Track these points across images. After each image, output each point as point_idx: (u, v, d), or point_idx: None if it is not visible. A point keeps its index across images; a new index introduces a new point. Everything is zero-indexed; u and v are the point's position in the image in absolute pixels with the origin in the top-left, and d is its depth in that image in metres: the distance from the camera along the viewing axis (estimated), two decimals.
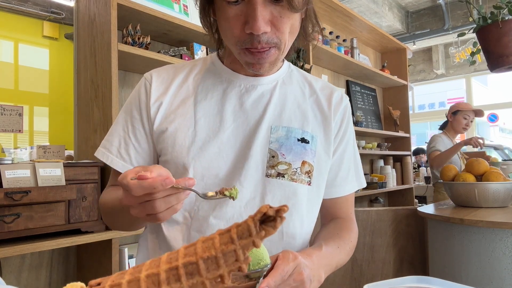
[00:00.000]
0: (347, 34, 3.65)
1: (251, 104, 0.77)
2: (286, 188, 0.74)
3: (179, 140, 0.75)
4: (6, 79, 4.56)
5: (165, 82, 0.80)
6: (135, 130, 0.79)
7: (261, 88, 0.79)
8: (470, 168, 1.94)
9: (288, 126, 0.77)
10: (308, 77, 0.88)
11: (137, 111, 0.79)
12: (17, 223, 1.29)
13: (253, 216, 0.33)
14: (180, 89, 0.80)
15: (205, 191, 0.70)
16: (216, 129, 0.75)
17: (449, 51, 5.98)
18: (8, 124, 1.81)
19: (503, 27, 1.86)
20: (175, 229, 0.75)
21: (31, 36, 4.94)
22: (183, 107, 0.77)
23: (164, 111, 0.78)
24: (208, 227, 0.72)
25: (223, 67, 0.81)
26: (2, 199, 1.23)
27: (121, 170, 0.78)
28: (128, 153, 0.79)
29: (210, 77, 0.81)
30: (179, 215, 0.75)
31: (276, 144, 0.75)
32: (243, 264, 0.33)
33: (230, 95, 0.78)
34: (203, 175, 0.73)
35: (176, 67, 0.84)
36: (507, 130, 8.67)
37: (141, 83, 0.82)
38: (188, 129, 0.75)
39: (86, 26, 1.77)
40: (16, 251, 1.28)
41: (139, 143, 0.79)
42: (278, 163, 0.74)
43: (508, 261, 1.48)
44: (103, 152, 0.80)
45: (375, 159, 3.95)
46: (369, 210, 2.10)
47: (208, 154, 0.74)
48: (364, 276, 2.03)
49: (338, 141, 0.84)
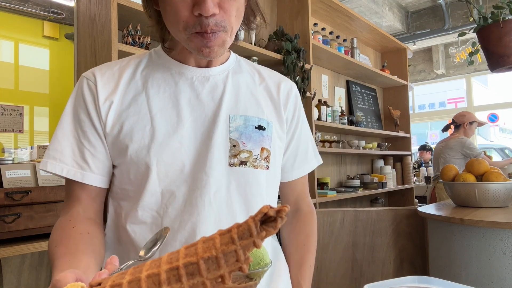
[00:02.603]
0: (347, 34, 3.65)
1: (206, 95, 0.77)
2: (249, 175, 0.76)
3: (137, 138, 0.72)
4: (6, 79, 4.57)
5: (111, 81, 0.76)
6: (87, 134, 0.74)
7: (213, 79, 0.79)
8: (470, 168, 1.94)
9: (245, 114, 0.78)
10: (256, 66, 0.90)
11: (85, 114, 0.74)
12: (17, 223, 1.29)
13: (254, 216, 0.33)
14: (129, 86, 0.76)
15: (171, 187, 0.72)
16: (174, 123, 0.74)
17: (449, 51, 5.98)
18: (9, 124, 1.82)
19: (504, 27, 1.85)
20: (143, 229, 0.73)
21: (32, 36, 4.94)
22: (135, 105, 0.74)
23: (115, 110, 0.74)
24: (181, 223, 0.72)
25: (171, 60, 0.79)
26: (3, 199, 1.23)
27: (80, 180, 0.73)
28: (85, 160, 0.73)
29: (159, 71, 0.78)
30: (146, 215, 0.73)
31: (236, 133, 0.76)
32: (244, 264, 0.33)
33: (183, 88, 0.77)
34: (167, 172, 0.72)
35: (119, 64, 0.80)
36: (507, 130, 8.67)
37: (82, 84, 0.76)
38: (145, 126, 0.73)
39: (87, 26, 1.77)
40: (16, 251, 1.28)
41: (94, 148, 0.74)
42: (240, 151, 0.76)
43: (508, 261, 1.48)
44: (55, 164, 0.72)
45: (375, 159, 3.95)
46: (369, 210, 2.11)
47: (170, 149, 0.72)
48: (364, 276, 2.03)
49: (293, 127, 0.87)
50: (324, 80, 3.38)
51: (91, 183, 0.74)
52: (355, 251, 2.05)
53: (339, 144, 3.22)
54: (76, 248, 0.66)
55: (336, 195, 2.87)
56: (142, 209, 0.72)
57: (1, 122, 1.79)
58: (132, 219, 0.73)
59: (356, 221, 2.08)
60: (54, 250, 0.67)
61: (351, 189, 3.16)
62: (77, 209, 0.74)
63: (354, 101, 3.72)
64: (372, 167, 3.96)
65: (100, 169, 0.74)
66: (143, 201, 0.72)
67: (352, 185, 3.32)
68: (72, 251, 0.66)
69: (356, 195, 3.12)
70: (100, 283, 0.37)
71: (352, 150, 3.18)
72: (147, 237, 0.71)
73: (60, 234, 0.70)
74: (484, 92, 8.09)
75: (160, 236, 0.63)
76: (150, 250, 0.61)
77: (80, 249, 0.66)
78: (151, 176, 0.71)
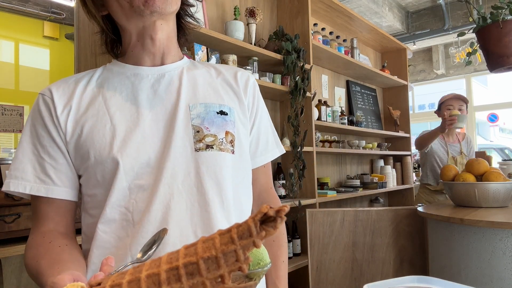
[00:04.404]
0: (347, 34, 3.65)
1: (164, 90, 0.79)
2: (217, 158, 0.76)
3: (98, 138, 0.72)
4: (6, 79, 4.57)
5: (67, 92, 0.77)
6: (46, 148, 0.74)
7: (168, 75, 0.80)
8: (470, 168, 1.94)
9: (205, 102, 0.80)
10: (212, 64, 0.92)
11: (43, 129, 0.74)
12: (17, 223, 1.29)
13: (254, 216, 0.33)
14: (84, 92, 0.77)
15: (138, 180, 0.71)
16: (135, 119, 0.75)
17: (449, 51, 5.98)
18: (9, 124, 1.82)
19: (503, 27, 1.86)
20: (115, 228, 0.72)
21: (32, 36, 4.94)
22: (92, 108, 0.75)
23: (73, 116, 0.75)
24: (152, 215, 0.71)
25: (125, 65, 0.81)
26: (3, 199, 1.23)
27: (45, 194, 0.72)
28: (47, 175, 0.73)
29: (114, 76, 0.80)
30: (114, 213, 0.71)
31: (198, 119, 0.77)
32: (244, 264, 0.33)
33: (140, 87, 0.78)
34: (133, 166, 0.72)
35: (75, 77, 0.81)
36: (507, 130, 8.68)
37: (38, 102, 0.77)
38: (105, 125, 0.73)
39: (87, 26, 1.77)
40: (16, 251, 1.28)
41: (55, 161, 0.74)
42: (205, 136, 0.76)
43: (508, 261, 1.48)
44: (17, 183, 0.72)
45: (375, 159, 3.95)
46: (369, 210, 2.11)
47: (133, 144, 0.72)
48: (364, 276, 2.03)
49: (254, 115, 0.89)
50: (324, 80, 3.38)
51: (56, 197, 0.73)
52: (355, 251, 2.05)
53: (339, 144, 3.22)
54: (60, 258, 0.66)
55: (336, 195, 2.87)
56: (111, 207, 0.71)
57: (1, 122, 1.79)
58: (101, 219, 0.72)
59: (356, 221, 2.08)
60: (37, 264, 0.66)
61: (351, 189, 3.16)
62: (48, 226, 0.73)
63: (354, 101, 3.72)
64: (372, 167, 3.96)
65: (64, 181, 0.74)
66: (111, 198, 0.71)
67: (352, 185, 3.32)
68: (57, 261, 0.65)
69: (356, 195, 3.12)
70: (100, 283, 0.37)
71: (352, 150, 3.18)
72: (119, 234, 0.71)
73: (38, 250, 0.69)
74: (484, 92, 8.09)
75: (158, 238, 0.62)
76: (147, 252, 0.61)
77: (64, 259, 0.66)
78: (118, 172, 0.71)
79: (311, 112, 2.63)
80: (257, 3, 2.70)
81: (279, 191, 2.58)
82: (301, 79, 2.51)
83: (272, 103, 2.74)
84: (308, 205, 2.55)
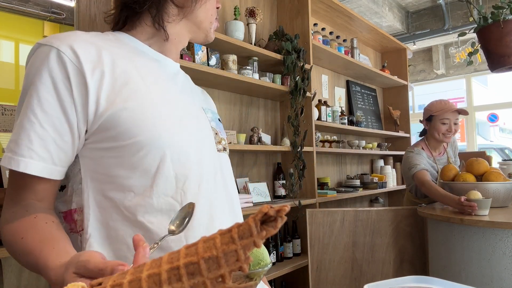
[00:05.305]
0: (347, 34, 3.65)
1: (182, 86, 0.82)
2: (228, 161, 0.85)
3: (145, 119, 0.65)
4: (6, 79, 4.56)
5: (93, 54, 0.66)
6: (52, 118, 0.62)
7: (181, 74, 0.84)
8: (470, 168, 1.94)
9: (210, 108, 0.87)
10: None
11: (51, 93, 0.62)
12: None
13: (254, 216, 0.33)
14: (115, 61, 0.68)
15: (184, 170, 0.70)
16: (177, 108, 0.73)
17: (449, 51, 5.98)
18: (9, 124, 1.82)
19: (504, 27, 1.86)
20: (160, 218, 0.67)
21: (32, 36, 4.94)
22: (132, 82, 0.67)
23: (110, 85, 0.64)
24: (199, 207, 0.70)
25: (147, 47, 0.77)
26: (3, 199, 1.23)
27: (39, 174, 0.61)
28: (47, 149, 0.62)
29: (139, 54, 0.75)
30: (161, 203, 0.66)
31: (213, 123, 0.82)
32: (244, 264, 0.33)
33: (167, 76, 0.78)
34: (179, 156, 0.69)
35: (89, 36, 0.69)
36: (507, 130, 8.68)
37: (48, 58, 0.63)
38: (153, 107, 0.68)
39: (87, 27, 1.77)
40: None
41: (60, 135, 0.62)
42: (221, 139, 0.82)
43: (508, 261, 1.48)
44: (10, 157, 0.61)
45: (375, 159, 3.95)
46: (369, 210, 2.11)
47: (180, 133, 0.70)
48: (364, 276, 2.03)
49: None
50: (324, 80, 3.38)
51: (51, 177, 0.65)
52: (355, 251, 2.05)
53: (339, 144, 3.22)
54: (51, 235, 0.59)
55: (336, 195, 2.87)
56: (157, 196, 0.66)
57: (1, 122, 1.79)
58: (146, 209, 0.66)
59: (356, 221, 2.08)
60: (22, 241, 0.59)
61: (351, 189, 3.16)
62: (30, 200, 0.65)
63: (354, 101, 3.72)
64: (372, 167, 3.96)
65: (62, 161, 0.65)
66: (158, 187, 0.66)
67: (352, 185, 3.32)
68: (49, 238, 0.58)
69: (356, 195, 3.12)
70: (101, 283, 0.37)
71: (352, 150, 3.18)
72: (166, 225, 0.64)
73: (21, 225, 0.61)
74: (484, 92, 8.10)
75: (188, 213, 0.59)
76: (180, 225, 0.58)
77: (57, 236, 0.59)
78: (165, 159, 0.67)
79: (311, 112, 2.63)
80: (257, 3, 2.70)
81: (279, 191, 2.58)
82: (301, 79, 2.51)
83: (272, 103, 2.74)
84: (308, 205, 2.55)
